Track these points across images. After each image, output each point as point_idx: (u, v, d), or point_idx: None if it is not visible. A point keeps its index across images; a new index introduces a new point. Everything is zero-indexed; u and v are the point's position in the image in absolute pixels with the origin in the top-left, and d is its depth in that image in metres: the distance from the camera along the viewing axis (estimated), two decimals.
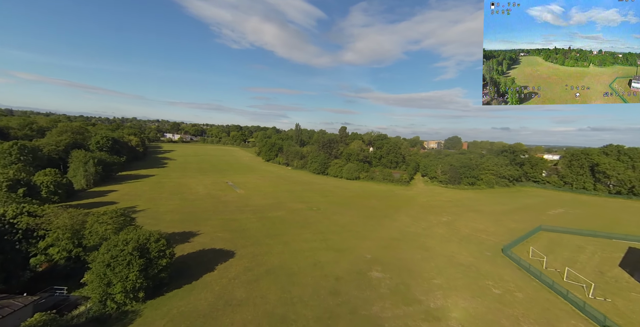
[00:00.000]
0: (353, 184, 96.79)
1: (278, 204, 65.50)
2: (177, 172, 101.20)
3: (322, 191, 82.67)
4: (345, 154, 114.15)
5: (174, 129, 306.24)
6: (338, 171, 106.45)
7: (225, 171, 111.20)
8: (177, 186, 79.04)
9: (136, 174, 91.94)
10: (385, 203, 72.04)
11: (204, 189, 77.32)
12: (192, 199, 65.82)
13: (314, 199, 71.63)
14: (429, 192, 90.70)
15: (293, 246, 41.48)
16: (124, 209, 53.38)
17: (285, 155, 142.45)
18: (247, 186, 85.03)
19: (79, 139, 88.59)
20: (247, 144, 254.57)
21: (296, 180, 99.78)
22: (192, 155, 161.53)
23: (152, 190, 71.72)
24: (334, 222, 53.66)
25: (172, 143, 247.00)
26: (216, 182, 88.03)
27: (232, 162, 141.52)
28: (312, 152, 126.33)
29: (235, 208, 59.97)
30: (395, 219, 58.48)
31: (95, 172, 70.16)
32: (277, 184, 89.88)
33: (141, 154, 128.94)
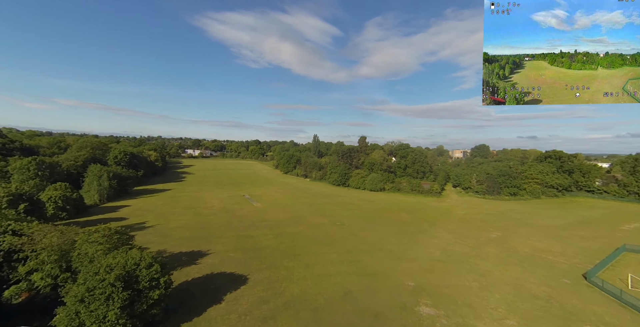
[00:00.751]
0: (378, 196, 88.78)
1: (297, 218, 59.14)
2: (193, 186, 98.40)
3: (345, 204, 75.50)
4: (368, 163, 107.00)
5: (195, 145, 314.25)
6: (360, 182, 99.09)
7: (243, 184, 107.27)
8: (192, 200, 75.22)
9: (152, 189, 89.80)
10: (418, 216, 63.51)
11: (220, 203, 72.80)
12: (206, 213, 61.10)
13: (336, 213, 64.63)
14: (465, 203, 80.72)
15: (316, 270, 34.56)
16: (130, 225, 49.72)
17: (303, 166, 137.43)
18: (265, 198, 79.74)
19: (98, 155, 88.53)
20: (265, 157, 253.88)
21: (315, 192, 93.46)
22: (211, 169, 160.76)
23: (166, 205, 68.07)
24: (362, 240, 46.23)
25: (192, 158, 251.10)
26: (232, 195, 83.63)
27: (249, 175, 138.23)
28: (331, 162, 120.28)
29: (251, 223, 54.26)
30: (433, 235, 50.01)
31: (109, 187, 67.89)
32: (296, 197, 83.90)
33: (160, 168, 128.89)
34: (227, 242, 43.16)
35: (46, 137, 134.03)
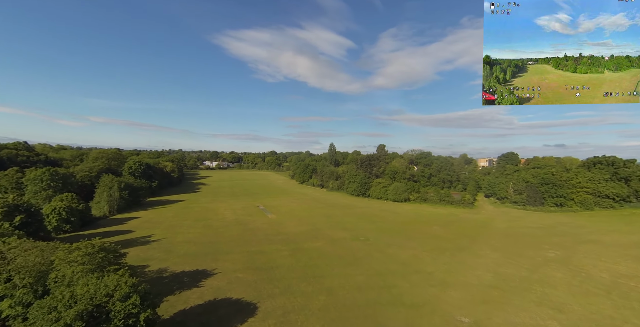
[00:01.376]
0: (403, 207, 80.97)
1: (315, 231, 52.99)
2: (207, 197, 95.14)
3: (367, 216, 68.53)
4: (389, 172, 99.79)
5: (213, 157, 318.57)
6: (382, 192, 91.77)
7: (257, 195, 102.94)
8: (204, 211, 71.21)
9: (166, 200, 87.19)
10: (453, 231, 55.43)
11: (232, 214, 68.19)
12: (217, 226, 56.39)
13: (358, 226, 57.88)
14: (503, 215, 71.24)
15: (341, 297, 28.12)
16: (135, 239, 45.23)
17: (319, 176, 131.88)
18: (280, 209, 74.39)
19: (113, 165, 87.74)
20: (282, 168, 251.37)
21: (333, 203, 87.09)
22: (227, 180, 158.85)
23: (176, 216, 64.27)
24: (392, 258, 39.25)
25: (210, 170, 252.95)
26: (246, 206, 79.04)
27: (265, 186, 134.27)
28: (349, 171, 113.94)
29: (264, 237, 48.73)
30: (476, 253, 42.10)
31: (120, 198, 65.31)
32: (312, 208, 77.92)
33: (176, 179, 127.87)
34: (236, 260, 37.69)
35: (69, 150, 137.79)
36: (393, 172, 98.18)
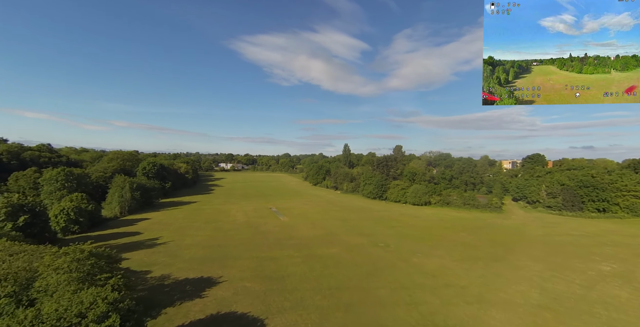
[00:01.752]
0: (423, 211, 75.64)
1: (330, 236, 49.22)
2: (220, 199, 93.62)
3: (385, 220, 63.99)
4: (408, 173, 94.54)
5: (228, 159, 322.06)
6: (400, 195, 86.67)
7: (270, 196, 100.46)
8: (215, 213, 69.17)
9: (178, 201, 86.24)
10: (484, 238, 49.99)
11: (244, 216, 65.65)
12: (227, 228, 53.81)
13: (376, 231, 53.56)
14: (537, 221, 64.53)
15: (363, 315, 24.20)
16: (142, 241, 43.21)
17: (333, 178, 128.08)
18: (292, 212, 71.20)
19: (127, 166, 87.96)
20: (295, 170, 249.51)
21: (348, 205, 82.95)
22: (240, 182, 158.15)
23: (187, 218, 62.43)
24: (419, 269, 34.81)
25: (224, 172, 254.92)
26: (258, 208, 76.45)
27: (278, 187, 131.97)
28: (364, 173, 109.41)
29: (276, 241, 45.51)
30: (515, 264, 36.84)
31: (131, 199, 64.37)
32: (327, 210, 74.18)
33: (190, 181, 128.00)
34: (244, 266, 34.56)
35: (90, 152, 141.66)
36: (412, 173, 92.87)
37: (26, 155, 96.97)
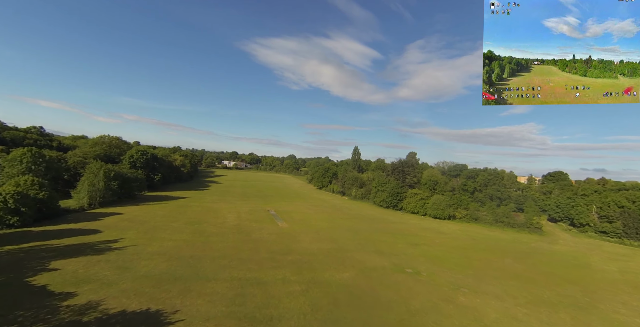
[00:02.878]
0: (448, 226, 64.00)
1: (339, 252, 38.22)
2: (214, 196, 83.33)
3: (405, 234, 52.67)
4: (428, 182, 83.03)
5: (232, 157, 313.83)
6: (419, 205, 75.15)
7: (270, 197, 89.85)
8: (203, 212, 58.74)
9: (166, 195, 76.17)
10: (540, 269, 38.30)
11: (235, 218, 55.05)
12: (211, 233, 43.22)
13: (398, 249, 42.36)
14: (596, 250, 52.33)
15: None
16: (93, 244, 30.75)
17: (340, 182, 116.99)
18: (293, 217, 60.36)
19: (113, 153, 78.50)
20: (299, 172, 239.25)
21: (358, 213, 71.78)
22: (241, 180, 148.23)
23: (167, 216, 52.06)
24: (472, 315, 23.45)
25: (226, 169, 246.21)
26: (255, 209, 65.84)
27: (280, 188, 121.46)
28: (376, 178, 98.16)
29: (269, 255, 34.67)
30: (613, 317, 25.20)
31: (105, 189, 54.35)
32: (333, 218, 63.17)
33: (186, 175, 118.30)
34: (217, 294, 23.72)
35: (85, 139, 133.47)
36: (433, 182, 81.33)
37: (7, 135, 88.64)
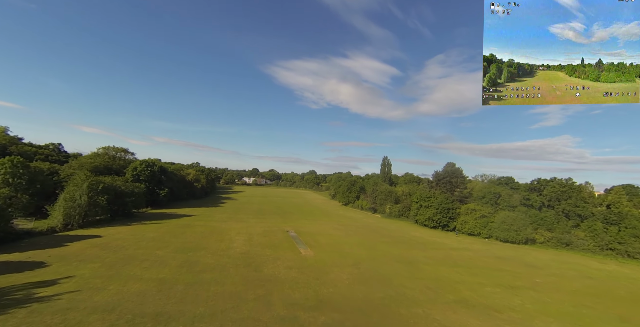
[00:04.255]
0: (534, 255, 46.33)
1: (400, 304, 23.26)
2: (225, 213, 71.49)
3: (484, 269, 36.35)
4: (487, 194, 65.72)
5: (252, 174, 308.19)
6: (480, 225, 58.01)
7: (290, 214, 76.44)
8: (205, 233, 46.39)
9: (170, 213, 65.40)
10: None
11: (245, 242, 41.96)
12: (204, 266, 30.15)
13: (488, 295, 26.49)
14: None
15: None
16: (20, 286, 21.03)
17: (370, 197, 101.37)
18: (319, 240, 46.12)
19: (116, 165, 70.00)
20: (320, 187, 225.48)
21: (401, 236, 56.00)
22: (259, 196, 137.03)
23: (157, 239, 40.11)
24: None
25: (245, 185, 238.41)
26: (271, 230, 52.57)
27: (300, 204, 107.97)
28: (416, 192, 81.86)
29: (285, 311, 20.68)
30: None
31: (88, 204, 43.98)
32: (372, 242, 48.09)
33: (200, 190, 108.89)
34: None
35: None
36: (494, 194, 63.94)
37: (14, 150, 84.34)
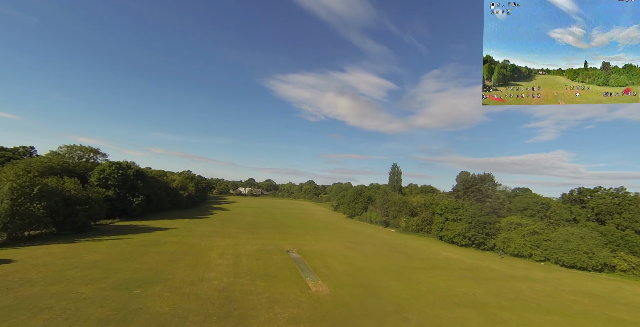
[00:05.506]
0: (626, 291, 34.11)
1: None
2: (211, 227, 58.73)
3: (595, 319, 23.98)
4: (532, 205, 53.76)
5: (248, 184, 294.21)
6: (529, 244, 45.77)
7: (289, 228, 63.76)
8: (176, 255, 33.75)
9: (140, 226, 52.66)
10: None
11: (229, 268, 29.47)
12: (149, 321, 17.57)
13: None
14: None
15: None
16: None
17: (381, 208, 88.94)
18: (331, 264, 33.51)
19: (80, 168, 57.51)
20: (320, 198, 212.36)
21: (431, 257, 43.57)
22: (254, 206, 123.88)
23: (98, 266, 27.48)
24: None
25: (240, 196, 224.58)
26: (266, 248, 40.05)
27: (300, 216, 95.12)
28: (441, 202, 69.83)
29: None
30: None
31: (11, 214, 31.45)
32: (399, 266, 35.53)
33: (186, 199, 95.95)
34: None
35: None
36: (541, 205, 51.99)
37: None
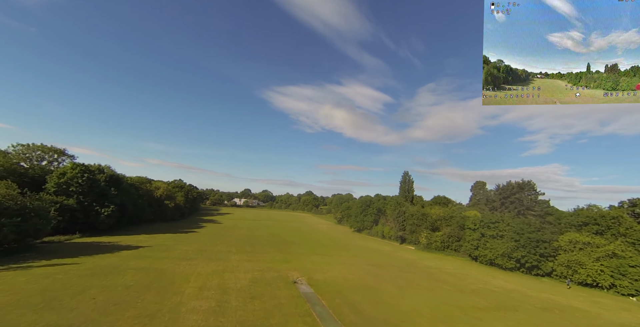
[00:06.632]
0: None
1: None
2: (195, 244, 47.39)
3: None
4: (597, 218, 43.51)
5: (243, 195, 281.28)
6: (611, 271, 35.26)
7: (292, 246, 52.52)
8: (130, 293, 22.63)
9: (106, 243, 41.33)
10: None
11: (209, 316, 18.39)
12: None
13: None
14: None
15: None
16: None
17: (395, 222, 78.03)
18: (359, 305, 22.43)
19: (35, 171, 46.52)
20: (320, 210, 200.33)
21: (482, 288, 32.70)
22: (249, 219, 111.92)
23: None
24: None
25: (235, 207, 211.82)
26: (264, 277, 29.09)
27: (303, 230, 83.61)
28: (474, 216, 59.35)
29: None
30: None
31: None
32: (456, 308, 24.62)
33: (173, 210, 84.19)
34: None
35: None
36: (610, 219, 41.82)
37: None
